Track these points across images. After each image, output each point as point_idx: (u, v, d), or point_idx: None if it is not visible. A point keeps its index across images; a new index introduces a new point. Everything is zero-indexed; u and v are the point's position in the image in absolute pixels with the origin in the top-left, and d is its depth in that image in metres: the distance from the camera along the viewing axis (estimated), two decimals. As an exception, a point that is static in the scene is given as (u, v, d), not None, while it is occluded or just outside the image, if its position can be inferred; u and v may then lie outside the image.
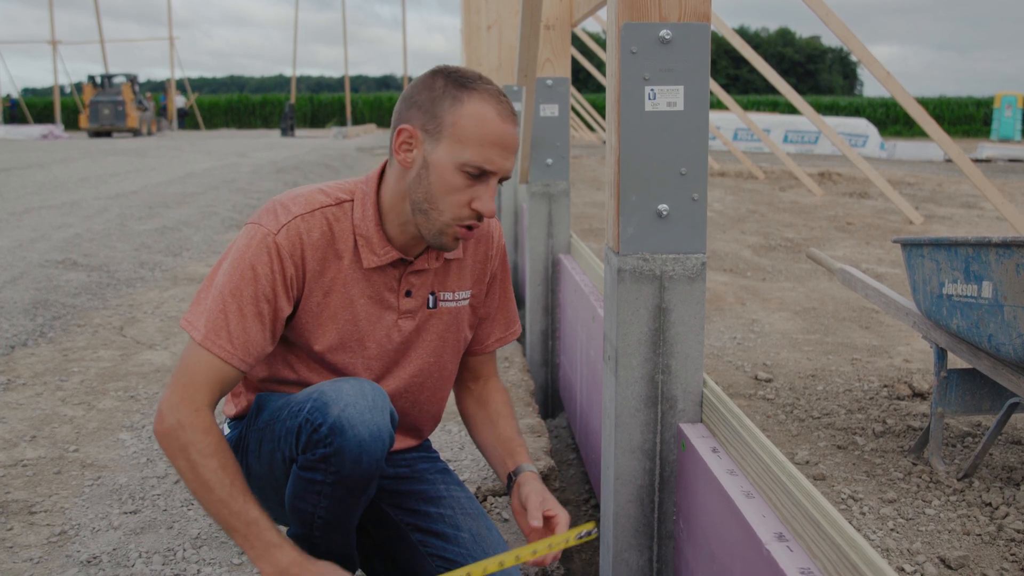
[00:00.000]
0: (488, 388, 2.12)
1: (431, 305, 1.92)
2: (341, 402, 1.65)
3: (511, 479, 1.91)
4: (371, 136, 34.89)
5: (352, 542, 1.85)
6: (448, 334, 1.97)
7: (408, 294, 1.88)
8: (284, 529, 1.80)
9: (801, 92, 43.70)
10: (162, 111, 40.48)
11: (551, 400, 4.44)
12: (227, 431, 1.97)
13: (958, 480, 2.77)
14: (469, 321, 2.02)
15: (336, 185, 1.85)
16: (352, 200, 1.82)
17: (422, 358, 1.94)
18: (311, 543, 1.80)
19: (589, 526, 1.69)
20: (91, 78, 37.69)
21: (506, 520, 2.75)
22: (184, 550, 2.48)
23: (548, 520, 1.79)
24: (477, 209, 1.72)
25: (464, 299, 1.98)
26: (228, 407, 2.02)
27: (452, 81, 1.71)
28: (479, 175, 1.70)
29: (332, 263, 1.80)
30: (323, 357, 1.85)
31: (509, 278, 2.11)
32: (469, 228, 1.75)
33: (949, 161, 20.22)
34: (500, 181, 1.75)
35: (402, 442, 2.05)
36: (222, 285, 1.71)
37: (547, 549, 1.69)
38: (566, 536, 1.66)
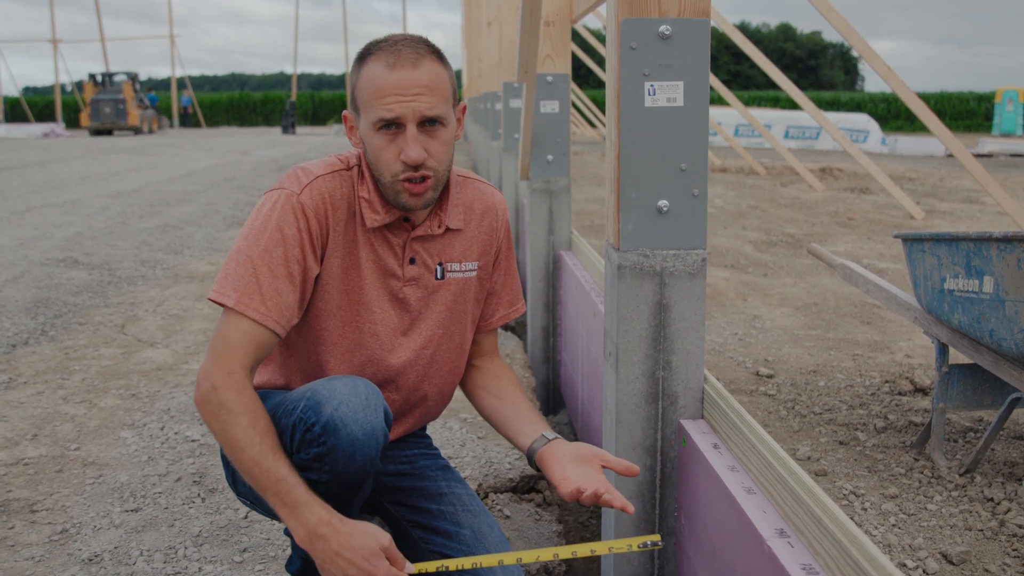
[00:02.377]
0: (495, 364, 2.10)
1: (439, 276, 1.92)
2: (334, 401, 1.65)
3: (539, 442, 1.85)
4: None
5: None
6: (457, 305, 1.96)
7: (412, 261, 1.88)
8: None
9: (802, 88, 43.59)
10: (154, 108, 39.97)
11: (552, 397, 4.44)
12: None
13: (960, 475, 2.76)
14: (476, 294, 2.00)
15: (345, 154, 1.89)
16: (359, 165, 1.86)
17: (432, 328, 1.93)
18: None
19: (655, 537, 1.65)
20: (92, 76, 37.68)
21: (508, 517, 2.75)
22: (185, 548, 2.48)
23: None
24: (404, 160, 1.73)
25: (471, 270, 1.97)
26: None
27: (359, 57, 1.77)
28: (392, 127, 1.72)
29: (350, 223, 1.82)
30: (332, 327, 1.84)
31: (513, 254, 2.10)
32: (411, 180, 1.75)
33: (950, 156, 20.20)
34: (429, 124, 1.74)
35: (410, 423, 2.04)
36: (249, 250, 1.71)
37: (606, 551, 1.66)
38: (628, 542, 1.63)
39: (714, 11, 9.78)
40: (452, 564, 1.68)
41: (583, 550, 1.64)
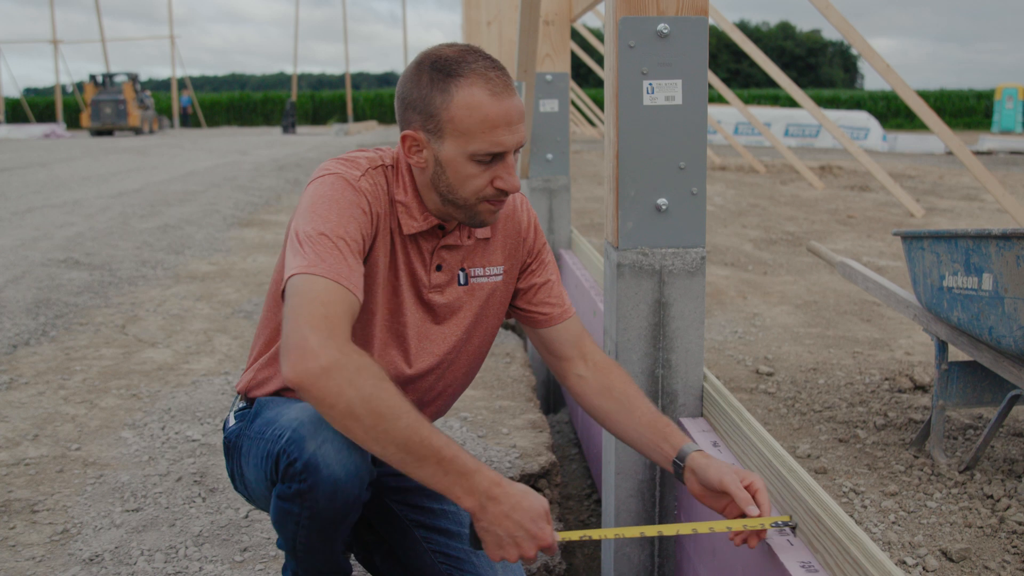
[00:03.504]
0: (600, 368, 1.93)
1: (463, 281, 1.88)
2: (319, 437, 1.59)
3: (678, 465, 1.76)
4: (372, 133, 34.90)
5: (337, 559, 1.81)
6: (482, 311, 1.93)
7: (439, 268, 1.85)
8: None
9: (802, 86, 43.64)
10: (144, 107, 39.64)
11: (553, 395, 4.45)
12: (232, 421, 1.92)
13: (959, 473, 2.77)
14: (503, 298, 1.96)
15: (375, 153, 1.82)
16: (394, 167, 1.80)
17: (455, 334, 1.90)
18: (296, 558, 1.78)
19: (785, 517, 1.64)
20: (92, 77, 37.69)
21: (508, 515, 2.75)
22: (186, 547, 2.48)
23: (750, 490, 1.66)
24: (500, 187, 1.70)
25: (497, 275, 1.93)
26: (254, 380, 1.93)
27: (437, 71, 1.67)
28: (492, 159, 1.68)
29: (387, 221, 1.78)
30: (374, 324, 1.80)
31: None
32: (499, 200, 1.74)
33: (950, 154, 20.19)
34: (516, 150, 1.72)
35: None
36: (323, 225, 1.63)
37: (741, 528, 1.62)
38: (761, 521, 1.61)
39: (713, 9, 9.79)
40: (595, 534, 1.65)
41: (720, 526, 1.62)
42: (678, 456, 1.75)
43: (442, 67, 1.66)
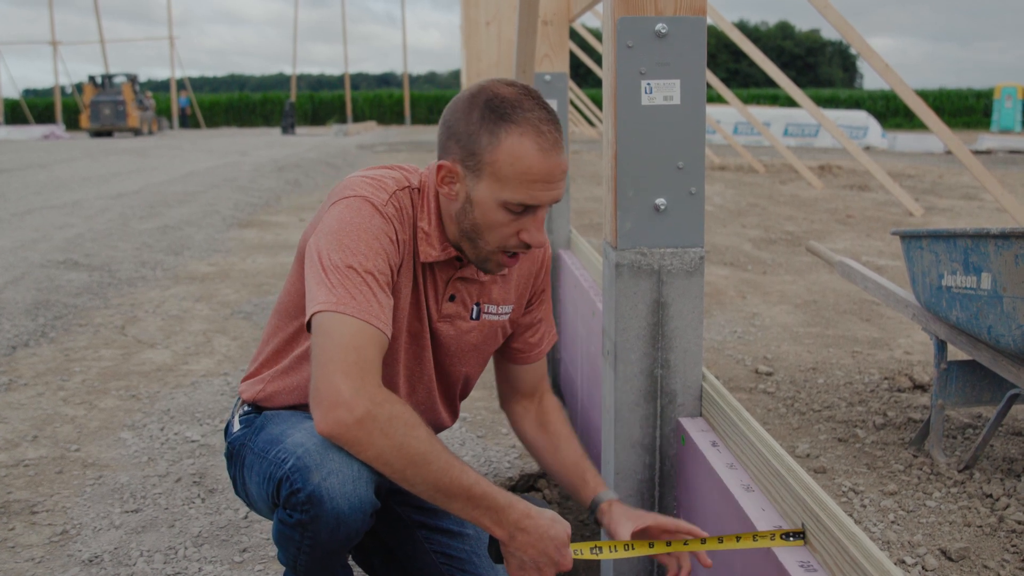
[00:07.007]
0: (544, 407, 2.04)
1: (474, 316, 1.87)
2: (324, 469, 1.55)
3: (593, 510, 1.85)
4: (372, 133, 34.91)
5: (338, 573, 1.79)
6: (483, 346, 1.92)
7: (452, 299, 1.82)
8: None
9: (801, 85, 43.61)
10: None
11: (552, 395, 4.42)
12: (237, 426, 1.90)
13: (959, 472, 2.77)
14: (504, 333, 1.96)
15: (401, 172, 1.79)
16: (419, 190, 1.77)
17: (454, 366, 1.90)
18: (296, 573, 1.75)
19: (798, 530, 1.64)
20: (91, 78, 37.68)
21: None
22: (185, 548, 2.48)
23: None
24: (525, 240, 1.68)
25: (505, 313, 1.92)
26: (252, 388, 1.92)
27: (490, 112, 1.64)
28: (524, 210, 1.66)
29: (410, 246, 1.76)
30: (395, 347, 1.79)
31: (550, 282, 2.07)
32: (514, 255, 1.72)
33: (949, 153, 20.18)
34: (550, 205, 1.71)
35: None
36: (352, 259, 1.61)
37: (751, 541, 1.62)
38: (771, 532, 1.61)
39: (712, 9, 9.78)
40: (605, 546, 1.69)
41: (729, 539, 1.63)
42: (592, 505, 1.85)
43: (496, 107, 1.64)
